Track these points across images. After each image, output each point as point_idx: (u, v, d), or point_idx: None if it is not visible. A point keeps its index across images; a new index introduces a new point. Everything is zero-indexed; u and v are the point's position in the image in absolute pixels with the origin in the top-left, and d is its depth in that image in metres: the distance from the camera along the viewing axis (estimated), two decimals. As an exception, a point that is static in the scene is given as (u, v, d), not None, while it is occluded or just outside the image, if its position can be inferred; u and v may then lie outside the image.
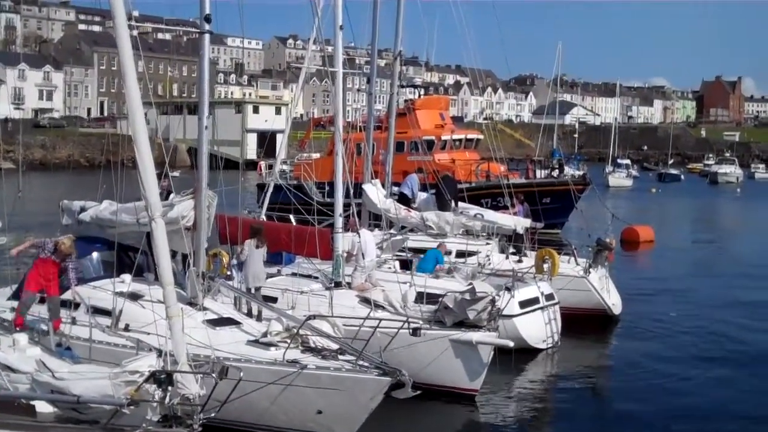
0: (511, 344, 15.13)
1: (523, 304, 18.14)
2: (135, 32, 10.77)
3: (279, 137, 63.35)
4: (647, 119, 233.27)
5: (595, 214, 36.75)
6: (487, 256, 21.58)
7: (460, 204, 26.25)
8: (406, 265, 20.64)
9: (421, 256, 20.92)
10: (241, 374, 9.56)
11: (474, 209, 25.35)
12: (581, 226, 29.83)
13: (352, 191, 19.33)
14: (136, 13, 12.35)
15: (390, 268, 20.09)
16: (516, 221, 24.22)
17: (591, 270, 21.25)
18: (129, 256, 15.19)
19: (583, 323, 20.19)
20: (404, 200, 27.65)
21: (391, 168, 26.49)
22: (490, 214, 24.69)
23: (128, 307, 13.34)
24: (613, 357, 19.68)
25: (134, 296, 13.66)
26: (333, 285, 17.26)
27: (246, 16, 15.83)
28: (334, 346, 12.74)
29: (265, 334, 13.01)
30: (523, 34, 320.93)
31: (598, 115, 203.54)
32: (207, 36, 14.33)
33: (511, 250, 22.68)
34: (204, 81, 14.81)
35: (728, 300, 25.12)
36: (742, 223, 56.40)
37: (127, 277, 14.06)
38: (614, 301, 21.68)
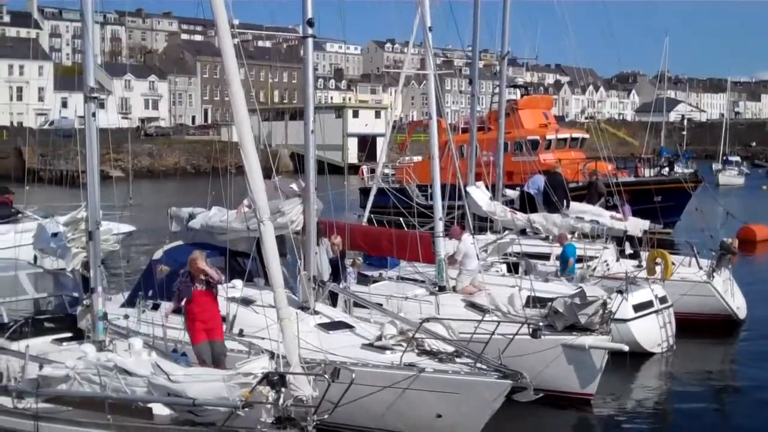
0: (626, 348, 14.73)
1: (637, 307, 17.56)
2: (236, 40, 10.80)
3: (379, 141, 63.58)
4: (755, 114, 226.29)
5: (707, 212, 35.56)
6: (606, 261, 21.01)
7: (574, 204, 25.54)
8: (513, 268, 20.27)
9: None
10: (353, 375, 9.39)
11: (588, 210, 24.58)
12: (695, 225, 28.82)
13: (457, 194, 19.08)
14: (236, 22, 12.45)
15: (498, 271, 19.77)
16: (633, 224, 23.43)
17: (715, 274, 20.33)
18: (239, 263, 15.27)
19: (702, 327, 19.44)
20: (528, 200, 26.91)
21: (502, 170, 26.08)
22: (605, 218, 23.88)
23: (241, 312, 13.41)
24: (735, 362, 18.95)
25: (246, 301, 13.68)
26: (437, 289, 17.10)
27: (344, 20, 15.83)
28: (450, 349, 12.53)
29: (379, 338, 12.89)
30: (625, 30, 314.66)
31: (704, 111, 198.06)
32: (310, 40, 14.36)
33: (629, 251, 22.00)
34: (309, 85, 14.83)
35: None
36: None
37: (238, 282, 14.15)
38: (739, 305, 20.71)
